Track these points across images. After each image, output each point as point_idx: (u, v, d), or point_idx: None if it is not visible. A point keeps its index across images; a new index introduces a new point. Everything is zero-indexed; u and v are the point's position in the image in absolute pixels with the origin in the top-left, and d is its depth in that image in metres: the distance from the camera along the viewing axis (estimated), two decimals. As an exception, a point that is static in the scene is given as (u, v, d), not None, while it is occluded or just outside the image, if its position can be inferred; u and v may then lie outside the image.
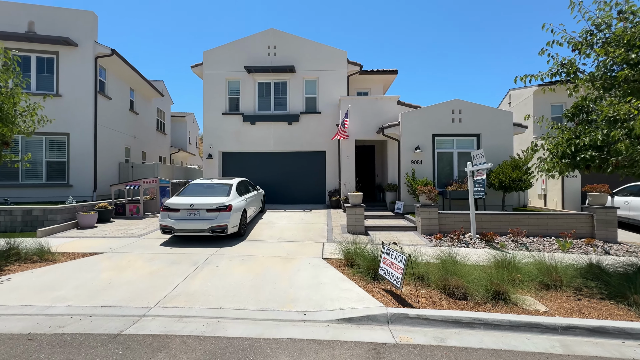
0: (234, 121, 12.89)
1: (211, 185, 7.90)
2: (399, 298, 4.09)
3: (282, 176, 13.01)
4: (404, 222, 9.26)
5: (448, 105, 10.36)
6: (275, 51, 12.79)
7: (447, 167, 10.51)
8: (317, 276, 4.91)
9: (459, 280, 4.21)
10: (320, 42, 13.00)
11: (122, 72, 13.50)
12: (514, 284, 4.29)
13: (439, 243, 7.42)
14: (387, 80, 14.36)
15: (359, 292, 4.26)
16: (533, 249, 7.01)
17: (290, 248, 6.62)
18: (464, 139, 10.42)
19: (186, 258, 5.78)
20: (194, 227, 6.66)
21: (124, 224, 9.10)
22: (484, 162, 7.45)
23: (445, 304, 3.95)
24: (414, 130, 10.33)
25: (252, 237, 7.64)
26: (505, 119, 10.23)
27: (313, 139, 12.74)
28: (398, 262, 4.09)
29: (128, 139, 14.46)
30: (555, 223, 8.01)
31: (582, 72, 4.73)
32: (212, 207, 6.75)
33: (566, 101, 14.40)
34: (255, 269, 5.22)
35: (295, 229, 8.52)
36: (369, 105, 11.39)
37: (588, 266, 5.04)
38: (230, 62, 12.86)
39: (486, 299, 4.01)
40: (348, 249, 5.55)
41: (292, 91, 12.85)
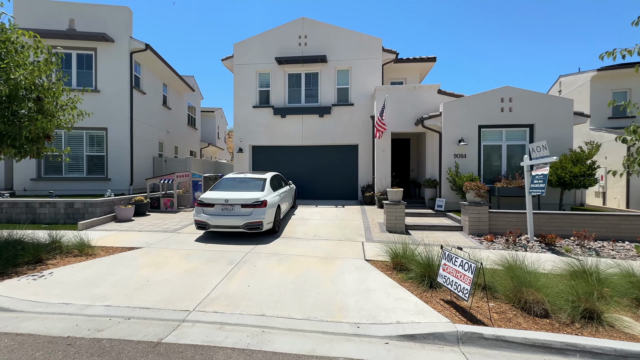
0: (264, 114, 12.63)
1: (245, 180, 7.65)
2: (464, 312, 3.53)
3: (313, 170, 12.62)
4: (447, 221, 8.55)
5: (497, 93, 9.39)
6: (307, 41, 12.32)
7: (495, 161, 9.59)
8: (364, 280, 4.45)
9: (537, 294, 3.56)
10: (353, 29, 12.31)
11: (155, 67, 13.66)
12: (602, 300, 3.59)
13: (491, 245, 6.69)
14: (423, 69, 13.44)
15: (416, 302, 3.74)
16: (604, 254, 6.11)
17: (328, 247, 6.20)
18: (514, 130, 9.43)
19: (222, 256, 5.54)
20: (228, 223, 6.42)
21: (159, 217, 9.14)
22: (547, 155, 6.57)
23: (522, 321, 3.35)
24: (458, 121, 9.49)
25: (287, 234, 7.32)
26: (564, 107, 9.11)
27: (345, 131, 12.20)
28: (464, 270, 3.52)
29: (161, 133, 14.70)
30: (630, 225, 6.97)
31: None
32: (247, 202, 6.48)
33: (632, 87, 12.77)
34: (295, 270, 4.85)
35: (331, 226, 8.10)
36: (406, 95, 10.64)
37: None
38: (261, 53, 12.56)
39: (573, 317, 3.36)
40: (395, 251, 5.03)
41: (324, 82, 12.34)
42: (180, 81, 15.84)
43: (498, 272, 4.20)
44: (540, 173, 6.65)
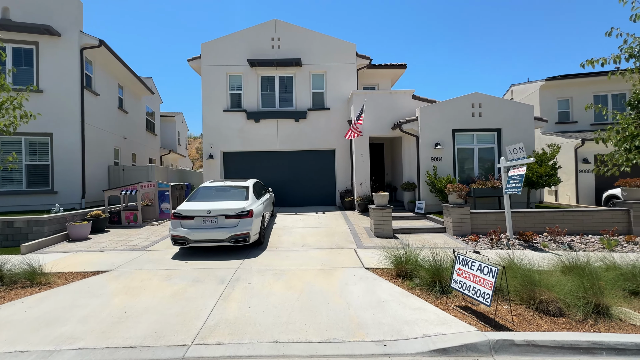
0: (236, 119, 11.98)
1: (225, 188, 7.05)
2: (485, 317, 3.44)
3: (289, 176, 12.21)
4: (429, 223, 8.70)
5: (468, 98, 9.88)
6: (280, 43, 11.98)
7: (468, 163, 10.04)
8: (373, 291, 4.20)
9: (549, 293, 3.60)
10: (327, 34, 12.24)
11: (110, 66, 12.33)
12: (601, 294, 3.73)
13: (476, 245, 6.88)
14: (395, 75, 13.82)
15: (436, 311, 3.58)
16: (576, 248, 6.57)
17: (322, 257, 5.88)
18: (484, 133, 9.97)
19: (209, 274, 4.94)
20: (212, 236, 5.80)
21: (121, 234, 8.08)
22: (523, 157, 6.96)
23: (542, 322, 3.34)
24: (433, 125, 9.79)
25: (273, 244, 6.85)
26: (526, 112, 9.85)
27: (322, 136, 12.02)
28: (484, 275, 3.44)
29: (117, 139, 13.27)
30: (592, 220, 7.63)
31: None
32: (232, 213, 5.92)
33: (572, 96, 14.32)
34: (296, 285, 4.46)
35: (317, 234, 7.79)
36: (382, 100, 10.77)
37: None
38: (231, 55, 11.95)
39: (585, 314, 3.43)
40: (398, 258, 4.87)
41: (299, 86, 12.07)
42: (138, 82, 14.50)
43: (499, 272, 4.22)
44: (517, 173, 7.01)
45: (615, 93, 13.97)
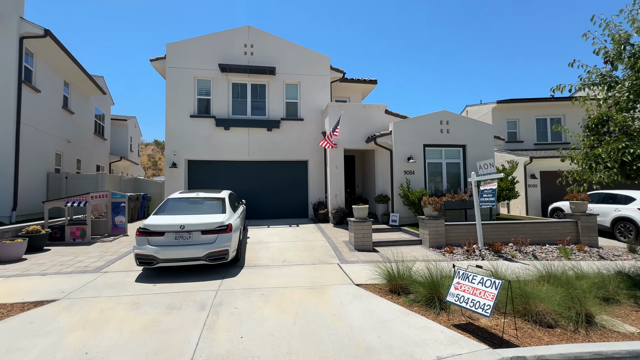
0: (204, 125, 11.24)
1: (198, 200, 6.42)
2: (489, 333, 3.43)
3: (260, 187, 11.69)
4: (405, 236, 8.82)
5: (437, 116, 10.42)
6: (253, 50, 11.63)
7: (437, 177, 10.50)
8: (371, 310, 4.00)
9: (543, 305, 3.72)
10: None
11: (56, 61, 10.89)
12: (578, 302, 3.96)
13: (453, 257, 7.08)
14: (365, 89, 14.19)
15: (442, 330, 3.48)
16: (539, 257, 7.09)
17: (307, 274, 5.56)
18: (451, 149, 10.55)
19: (185, 299, 4.34)
20: (186, 254, 5.17)
21: (66, 252, 6.91)
22: (494, 172, 7.41)
23: (542, 335, 3.41)
24: (406, 140, 10.12)
25: (251, 261, 6.35)
26: (487, 131, 10.66)
27: (295, 147, 11.76)
28: (486, 287, 3.45)
29: (60, 143, 11.64)
30: (547, 230, 8.34)
31: (621, 81, 4.78)
32: (209, 227, 5.35)
33: (519, 118, 15.97)
34: (288, 308, 4.08)
35: (295, 248, 7.43)
36: (357, 113, 10.92)
37: (617, 274, 5.08)
38: (201, 58, 11.29)
39: (576, 324, 3.58)
40: (391, 273, 4.76)
41: (272, 95, 11.76)
42: (87, 80, 13.01)
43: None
44: (489, 188, 7.42)
45: (552, 117, 15.87)
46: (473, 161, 10.29)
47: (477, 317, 3.82)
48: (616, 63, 4.85)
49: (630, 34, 4.75)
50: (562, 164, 13.18)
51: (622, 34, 4.79)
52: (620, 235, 9.11)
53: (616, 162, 4.47)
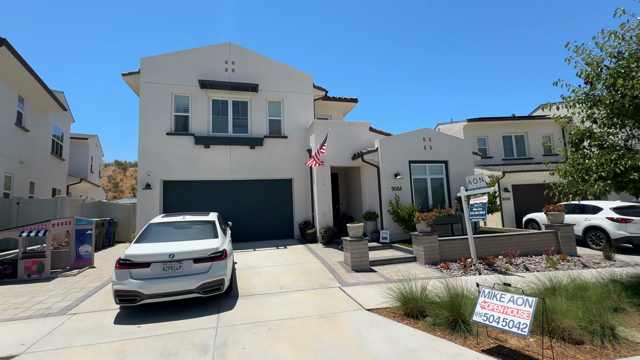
0: (182, 143, 10.57)
1: (184, 225, 5.80)
2: (523, 356, 3.25)
3: (243, 208, 11.08)
4: (398, 253, 8.67)
5: (419, 133, 10.70)
6: (234, 67, 11.36)
7: (423, 193, 10.64)
8: (394, 339, 3.69)
9: (568, 320, 3.66)
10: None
11: (10, 72, 9.80)
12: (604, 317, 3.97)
13: (451, 272, 7.02)
14: (346, 107, 14.37)
15: (477, 356, 3.26)
16: (531, 269, 7.26)
17: (310, 301, 5.15)
18: (434, 165, 10.81)
19: (180, 341, 3.73)
20: (176, 287, 4.53)
21: (20, 292, 5.85)
22: (484, 186, 7.58)
23: (574, 353, 3.31)
24: (392, 156, 10.22)
25: (245, 289, 5.79)
26: (466, 147, 11.11)
27: (279, 165, 11.41)
28: (519, 305, 3.31)
29: (11, 164, 10.30)
30: (532, 241, 8.64)
31: (603, 98, 5.12)
32: (203, 255, 4.78)
33: (488, 135, 17.00)
34: (304, 343, 3.65)
35: (290, 272, 6.96)
36: (342, 131, 10.91)
37: (611, 282, 5.25)
38: (178, 73, 10.77)
39: (601, 338, 3.55)
40: (406, 295, 4.51)
41: (254, 112, 11.45)
42: (46, 95, 11.85)
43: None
44: (479, 202, 7.56)
45: (516, 134, 17.11)
46: (455, 176, 10.60)
47: (504, 337, 3.66)
48: (595, 83, 5.24)
49: (603, 57, 5.19)
50: (532, 177, 14.10)
51: (595, 58, 5.22)
52: (592, 243, 9.69)
53: (609, 173, 4.70)
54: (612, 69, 4.99)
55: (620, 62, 4.80)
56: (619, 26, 4.90)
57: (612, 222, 9.14)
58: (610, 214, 9.27)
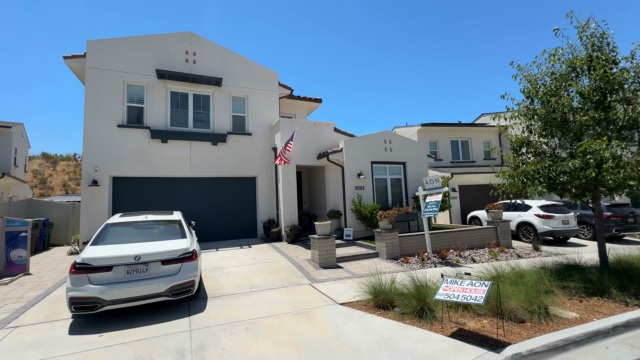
0: (135, 137, 9.75)
1: (148, 225, 5.42)
2: (481, 335, 3.72)
3: (205, 207, 10.60)
4: (362, 249, 9.08)
5: (381, 135, 11.28)
6: (196, 59, 10.78)
7: (384, 192, 11.24)
8: (370, 329, 3.94)
9: (514, 303, 4.25)
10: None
11: None
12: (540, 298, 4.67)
13: (411, 266, 7.57)
14: (310, 107, 14.50)
15: (444, 339, 3.63)
16: (477, 260, 8.16)
17: (283, 298, 5.20)
18: (394, 166, 11.49)
19: (153, 347, 3.54)
20: (143, 291, 4.25)
21: (-64, 306, 4.95)
22: (439, 187, 8.31)
23: (520, 330, 3.87)
24: (356, 157, 10.62)
25: (214, 291, 5.62)
26: (422, 150, 11.99)
27: (243, 162, 11.14)
28: (477, 287, 3.81)
29: None
30: (477, 236, 9.68)
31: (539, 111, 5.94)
32: (172, 256, 4.54)
33: (438, 139, 18.47)
34: (284, 339, 3.72)
35: (259, 271, 6.91)
36: (308, 130, 11.03)
37: (542, 269, 6.18)
38: (133, 61, 9.90)
39: (539, 317, 4.18)
40: (377, 288, 4.81)
41: (217, 107, 11.01)
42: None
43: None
44: (434, 200, 8.27)
45: (462, 140, 18.86)
46: (412, 177, 11.39)
47: (463, 322, 4.12)
48: (533, 98, 6.09)
49: (541, 76, 6.06)
50: (475, 179, 15.68)
51: (534, 76, 6.07)
52: (523, 236, 11.15)
53: (544, 177, 5.52)
54: (547, 87, 5.84)
55: (553, 82, 5.65)
56: (555, 49, 5.75)
57: (539, 218, 10.63)
58: (538, 211, 10.76)
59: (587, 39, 5.53)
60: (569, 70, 5.67)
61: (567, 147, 5.97)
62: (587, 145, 4.99)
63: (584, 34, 5.55)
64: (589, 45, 5.51)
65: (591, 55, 5.43)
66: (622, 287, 5.04)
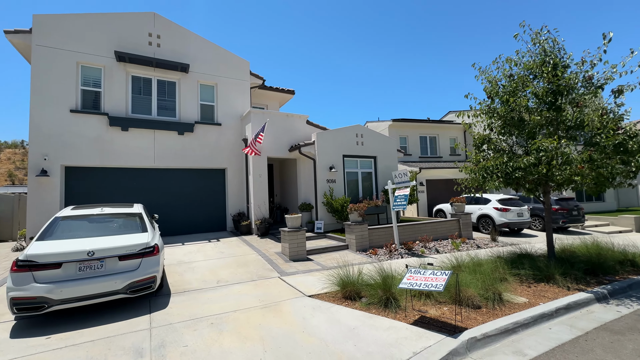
0: (91, 123, 9.01)
1: (104, 218, 5.05)
2: (440, 322, 3.91)
3: (170, 199, 10.11)
4: (332, 242, 9.18)
5: (353, 129, 11.38)
6: (160, 42, 10.12)
7: (355, 185, 11.40)
8: (336, 320, 4.00)
9: (471, 290, 4.52)
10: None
11: None
12: (495, 285, 5.00)
13: (379, 258, 7.79)
14: (283, 99, 14.24)
15: (407, 327, 3.77)
16: (441, 251, 8.58)
17: (252, 292, 5.14)
18: (365, 160, 11.66)
19: (107, 347, 3.33)
20: (97, 289, 3.97)
21: None
22: (407, 180, 8.57)
23: (476, 316, 4.12)
24: (328, 150, 10.64)
25: (178, 286, 5.41)
26: (392, 145, 12.28)
27: (211, 153, 10.74)
28: (437, 276, 3.99)
29: None
30: (441, 228, 10.16)
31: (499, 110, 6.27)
32: (131, 251, 4.28)
33: (408, 135, 19.03)
34: (250, 334, 3.67)
35: (227, 265, 6.76)
36: (280, 122, 10.85)
37: (498, 258, 6.64)
38: (88, 40, 9.07)
39: (493, 302, 4.48)
40: (344, 280, 4.88)
41: (184, 95, 10.46)
42: None
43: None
44: (403, 193, 8.54)
45: (430, 136, 19.57)
46: (382, 171, 11.64)
47: (425, 309, 4.31)
48: (494, 98, 6.42)
49: (500, 77, 6.39)
50: (442, 173, 16.38)
51: (494, 77, 6.39)
52: (482, 228, 11.87)
53: (502, 172, 5.87)
54: (506, 87, 6.18)
55: (512, 83, 5.99)
56: (515, 52, 6.08)
57: (497, 211, 11.36)
58: (496, 204, 11.49)
59: (539, 45, 5.91)
60: (527, 73, 6.03)
61: (523, 145, 6.38)
62: (539, 143, 5.36)
63: (537, 40, 5.93)
64: (541, 50, 5.89)
65: (544, 59, 5.81)
66: (565, 274, 5.54)
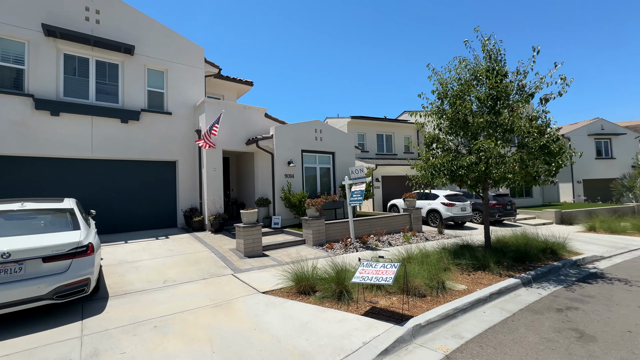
0: (12, 106, 7.79)
1: (24, 215, 4.40)
2: (389, 311, 4.10)
3: (112, 194, 9.19)
4: (289, 237, 9.13)
5: (312, 124, 11.38)
6: (99, 18, 9.06)
7: (313, 180, 11.44)
8: (290, 315, 3.99)
9: (418, 280, 4.80)
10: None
11: None
12: (439, 275, 5.37)
13: (335, 252, 7.93)
14: (241, 89, 13.70)
15: (358, 318, 3.88)
16: (393, 244, 9.01)
17: (202, 291, 4.91)
18: (324, 155, 11.76)
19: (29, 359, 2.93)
20: (14, 296, 3.44)
21: None
22: (363, 177, 8.81)
23: (422, 304, 4.38)
24: (287, 144, 10.53)
25: (118, 288, 4.97)
26: (350, 141, 12.53)
27: (161, 144, 9.97)
28: (387, 268, 4.15)
29: None
30: (394, 222, 10.67)
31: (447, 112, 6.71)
32: (58, 251, 3.79)
33: (366, 132, 19.58)
34: (198, 335, 3.49)
35: (176, 264, 6.37)
36: (237, 114, 10.44)
37: (443, 250, 7.16)
38: (8, 9, 7.79)
39: (437, 291, 4.82)
40: (299, 275, 4.88)
41: (129, 79, 9.52)
42: None
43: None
44: (359, 189, 8.77)
45: (386, 134, 20.37)
46: (340, 166, 11.84)
47: (376, 300, 4.49)
48: (443, 99, 6.84)
49: (450, 80, 6.83)
50: (396, 170, 17.15)
51: (445, 80, 6.81)
52: (431, 222, 12.71)
53: (448, 170, 6.30)
54: (454, 91, 6.62)
55: (459, 86, 6.43)
56: (463, 57, 6.52)
57: (444, 206, 12.23)
58: (443, 200, 12.36)
59: (487, 52, 6.43)
60: (472, 78, 6.52)
61: (467, 145, 6.91)
62: (480, 144, 5.85)
63: (486, 47, 6.43)
64: (487, 57, 6.40)
65: (489, 66, 6.33)
66: (499, 262, 6.15)
